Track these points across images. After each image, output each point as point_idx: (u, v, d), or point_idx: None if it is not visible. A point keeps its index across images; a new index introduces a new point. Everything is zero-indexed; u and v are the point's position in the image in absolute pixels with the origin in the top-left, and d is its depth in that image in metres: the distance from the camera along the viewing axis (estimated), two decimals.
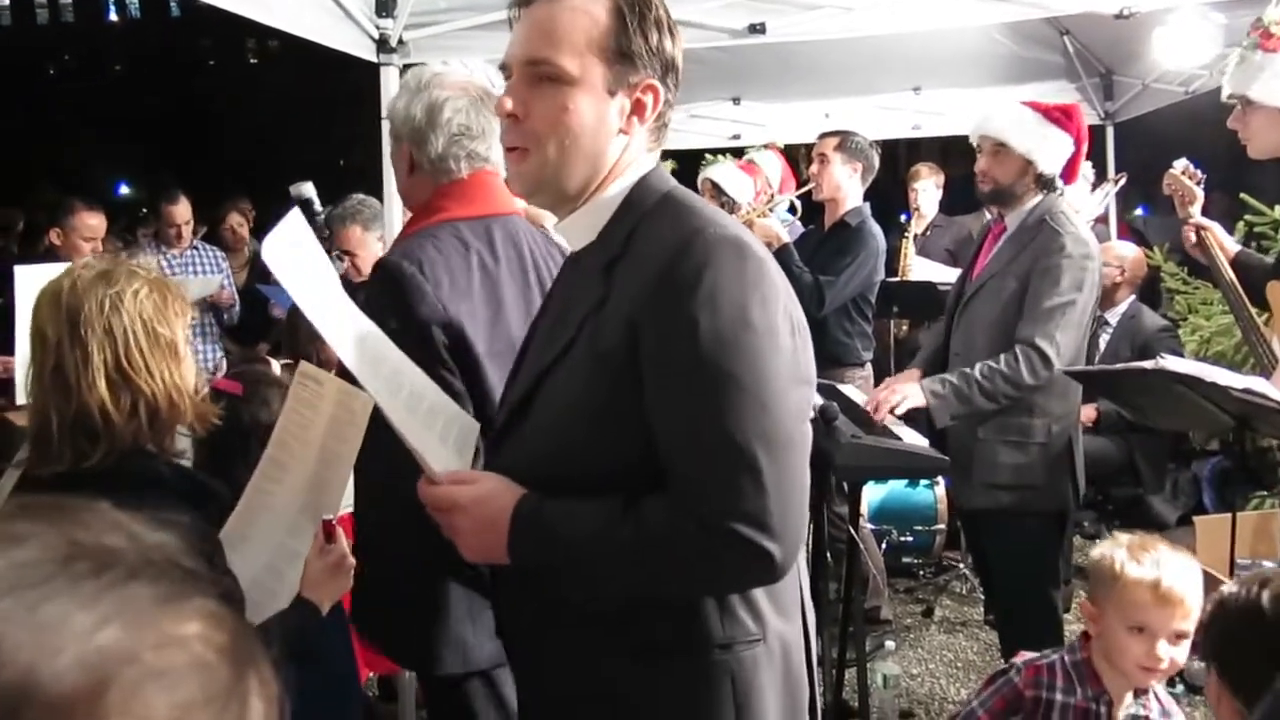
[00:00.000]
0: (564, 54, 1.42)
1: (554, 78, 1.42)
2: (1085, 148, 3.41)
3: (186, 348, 1.74)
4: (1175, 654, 2.06)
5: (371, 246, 4.18)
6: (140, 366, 1.65)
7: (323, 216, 4.38)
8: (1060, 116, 3.32)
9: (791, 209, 5.45)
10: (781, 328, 1.38)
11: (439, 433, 1.59)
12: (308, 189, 4.44)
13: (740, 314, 1.34)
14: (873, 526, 4.89)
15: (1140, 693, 2.16)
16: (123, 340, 1.64)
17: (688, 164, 6.28)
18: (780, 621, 1.49)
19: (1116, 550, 2.12)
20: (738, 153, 6.05)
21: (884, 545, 4.94)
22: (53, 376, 1.64)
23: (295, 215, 1.56)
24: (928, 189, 6.51)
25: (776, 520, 1.34)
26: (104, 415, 1.61)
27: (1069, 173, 3.36)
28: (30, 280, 2.97)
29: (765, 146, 5.92)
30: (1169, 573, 2.05)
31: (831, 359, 4.40)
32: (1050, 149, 3.30)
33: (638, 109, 1.46)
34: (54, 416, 1.63)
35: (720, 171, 5.48)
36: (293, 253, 1.54)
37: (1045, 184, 3.32)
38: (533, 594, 1.55)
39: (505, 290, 2.16)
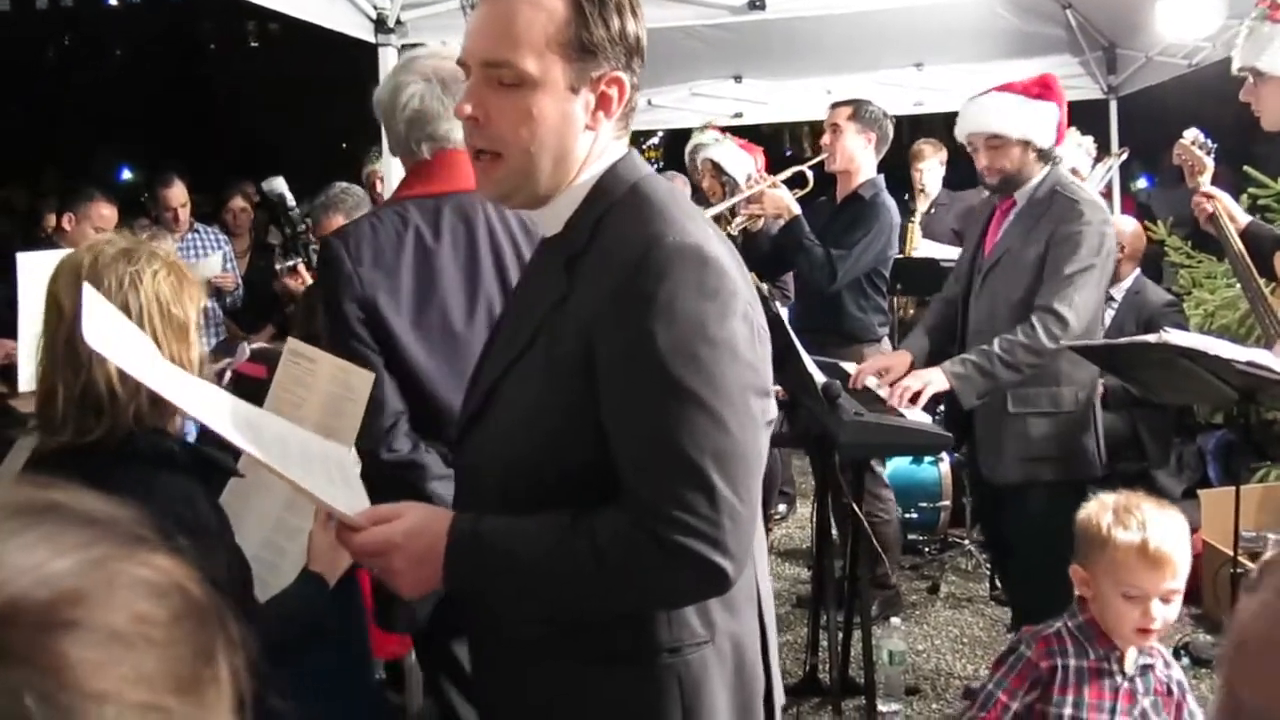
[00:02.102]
0: (524, 55, 1.36)
1: (515, 82, 1.37)
2: (1066, 106, 3.42)
3: (196, 333, 1.75)
4: (1168, 613, 2.08)
5: None
6: (160, 342, 1.66)
7: (296, 211, 4.40)
8: (1042, 90, 3.34)
9: (803, 182, 5.36)
10: (740, 338, 1.36)
11: (330, 475, 1.55)
12: (279, 184, 4.45)
13: (698, 327, 1.32)
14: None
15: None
16: (137, 318, 1.65)
17: (682, 142, 6.22)
18: (731, 620, 1.48)
19: (1103, 514, 2.12)
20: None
21: None
22: (65, 348, 1.64)
23: (89, 294, 1.51)
24: (932, 167, 6.43)
25: (730, 537, 1.33)
26: (110, 390, 1.61)
27: (1057, 134, 3.38)
28: (33, 267, 2.97)
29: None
30: (1155, 533, 2.05)
31: (848, 335, 4.32)
32: (1041, 124, 3.31)
33: (603, 103, 1.41)
34: (61, 388, 1.63)
35: (720, 151, 5.43)
36: (114, 335, 1.50)
37: (1046, 157, 3.34)
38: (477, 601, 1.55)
39: (444, 268, 2.21)
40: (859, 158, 4.37)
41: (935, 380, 3.16)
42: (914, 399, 3.17)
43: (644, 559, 1.33)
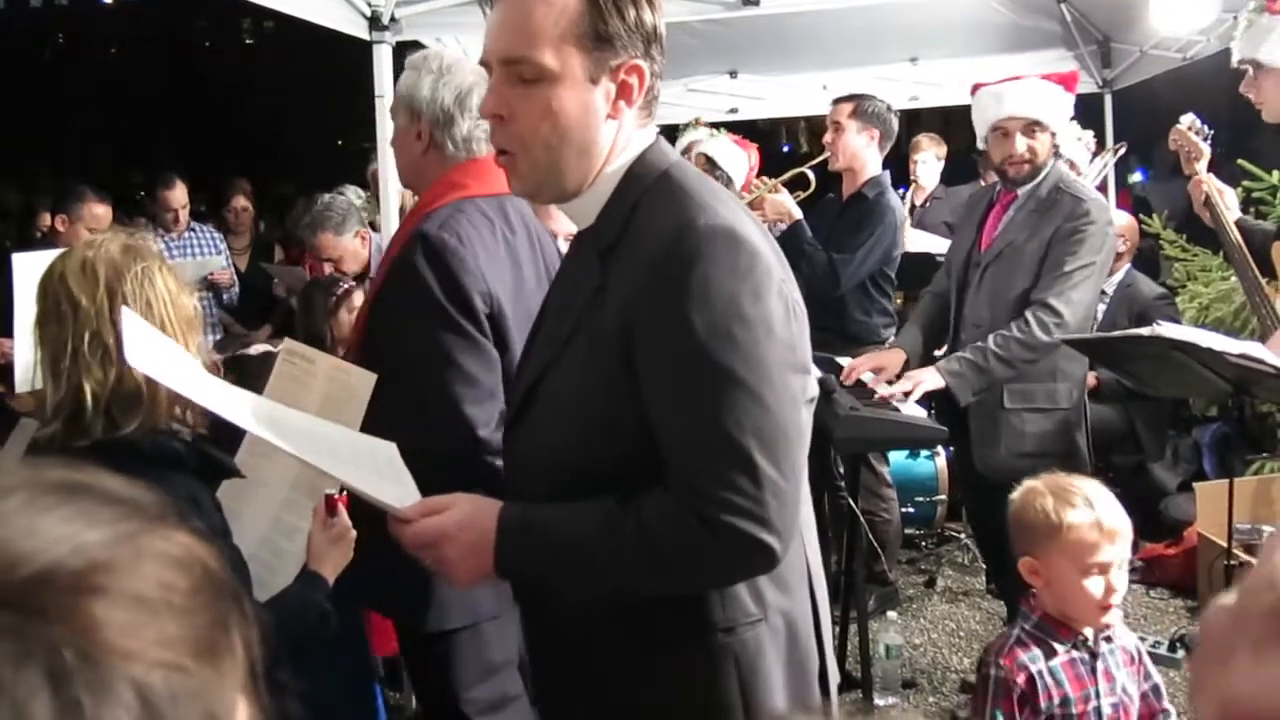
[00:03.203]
0: (541, 49, 1.39)
1: (534, 78, 1.40)
2: None
3: (198, 321, 1.78)
4: (1124, 580, 2.06)
5: (349, 245, 4.17)
6: (175, 334, 1.69)
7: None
8: (1073, 84, 3.41)
9: (805, 183, 5.34)
10: (776, 317, 1.38)
11: (380, 471, 1.58)
12: None
13: (733, 307, 1.34)
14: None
15: None
16: (159, 312, 1.68)
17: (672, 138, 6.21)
18: (783, 598, 1.50)
19: (1043, 500, 2.07)
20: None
21: None
22: (92, 345, 1.63)
23: (128, 318, 1.54)
24: (928, 160, 6.44)
25: (774, 514, 1.35)
26: (149, 382, 1.62)
27: None
28: (28, 267, 2.97)
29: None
30: (1102, 507, 2.04)
31: (852, 338, 4.27)
32: (1067, 119, 3.38)
33: (624, 92, 1.43)
34: (89, 386, 1.63)
35: (715, 146, 5.41)
36: (157, 356, 1.52)
37: (1056, 151, 3.40)
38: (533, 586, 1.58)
39: (524, 263, 2.26)
40: (862, 155, 4.31)
41: (929, 379, 3.17)
42: (907, 395, 3.20)
43: (691, 539, 1.36)
